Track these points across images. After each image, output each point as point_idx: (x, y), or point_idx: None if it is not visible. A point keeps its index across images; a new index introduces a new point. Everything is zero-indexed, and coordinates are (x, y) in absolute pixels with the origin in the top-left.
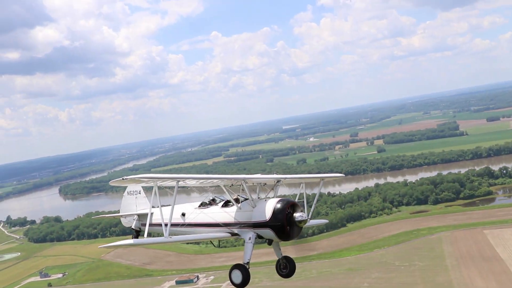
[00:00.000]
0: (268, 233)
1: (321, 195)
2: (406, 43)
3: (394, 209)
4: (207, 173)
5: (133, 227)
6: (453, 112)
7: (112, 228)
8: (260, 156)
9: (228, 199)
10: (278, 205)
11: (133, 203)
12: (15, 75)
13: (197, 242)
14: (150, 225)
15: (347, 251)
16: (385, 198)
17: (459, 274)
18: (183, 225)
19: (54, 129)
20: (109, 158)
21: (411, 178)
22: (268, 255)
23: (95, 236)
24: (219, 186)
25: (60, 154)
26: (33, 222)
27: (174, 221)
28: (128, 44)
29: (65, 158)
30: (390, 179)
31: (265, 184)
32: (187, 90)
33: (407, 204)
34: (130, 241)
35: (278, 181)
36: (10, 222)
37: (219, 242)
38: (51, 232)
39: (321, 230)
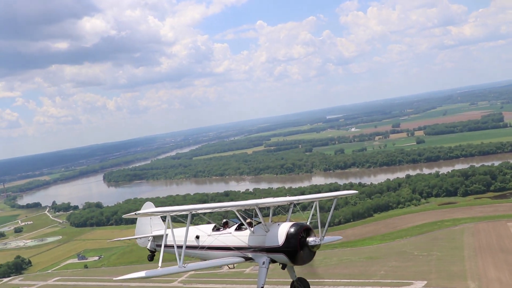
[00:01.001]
0: (281, 258)
1: (351, 184)
2: (457, 32)
3: (422, 200)
4: (246, 162)
5: (148, 247)
6: (501, 103)
7: None
8: (300, 146)
9: (242, 223)
10: (291, 230)
11: (147, 224)
12: (64, 64)
13: None
14: (166, 246)
15: (370, 240)
16: (415, 189)
17: (474, 264)
18: (197, 247)
19: (102, 117)
20: (154, 146)
21: (446, 169)
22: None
23: (132, 222)
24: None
25: (107, 142)
26: (76, 207)
27: (188, 243)
28: (173, 33)
29: (112, 146)
30: (425, 171)
31: (278, 207)
32: (232, 79)
33: (437, 195)
34: (142, 273)
35: (291, 204)
36: (55, 207)
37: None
38: (91, 217)
39: (347, 219)
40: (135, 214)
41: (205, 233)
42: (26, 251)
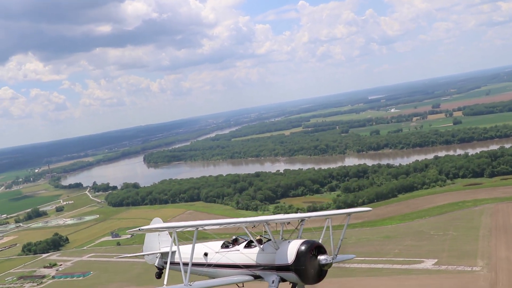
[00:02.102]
0: (291, 276)
1: (379, 165)
2: (507, 8)
3: (448, 181)
4: (281, 143)
5: (156, 265)
6: None
7: (181, 194)
8: (337, 127)
9: (251, 240)
10: (302, 248)
11: (156, 241)
12: (108, 47)
13: None
14: (172, 263)
15: (389, 220)
16: (441, 170)
17: (486, 243)
18: (205, 265)
19: (146, 99)
20: (195, 128)
21: (478, 151)
22: None
23: (165, 202)
24: (241, 227)
25: (151, 123)
26: (114, 187)
27: (196, 261)
28: (215, 15)
29: (155, 127)
30: (458, 152)
31: (289, 223)
32: (274, 60)
33: (463, 176)
34: None
35: (302, 220)
36: (95, 188)
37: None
38: (127, 197)
39: (371, 200)
40: (139, 230)
41: (213, 250)
42: (65, 229)
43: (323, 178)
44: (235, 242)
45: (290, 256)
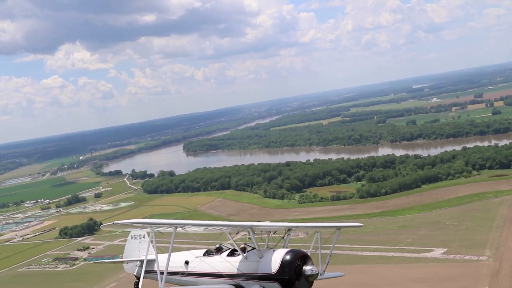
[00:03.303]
0: (274, 287)
1: (407, 156)
2: None
3: (474, 172)
4: (317, 133)
5: (135, 273)
6: None
7: (213, 182)
8: (375, 117)
9: (235, 248)
10: (287, 257)
11: (136, 248)
12: (152, 36)
13: None
14: (150, 272)
15: (409, 210)
16: (468, 161)
17: (498, 234)
18: (185, 274)
19: (191, 87)
20: (238, 117)
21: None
22: None
23: (197, 190)
24: (224, 233)
25: (195, 112)
26: (151, 175)
27: (176, 269)
28: (257, 3)
29: (199, 116)
30: (494, 142)
31: (275, 232)
32: (318, 48)
33: (490, 167)
34: None
35: (289, 230)
36: (133, 175)
37: None
38: (162, 185)
39: (394, 190)
40: (113, 223)
41: (195, 258)
42: (101, 215)
43: (350, 168)
44: (219, 250)
45: (274, 265)
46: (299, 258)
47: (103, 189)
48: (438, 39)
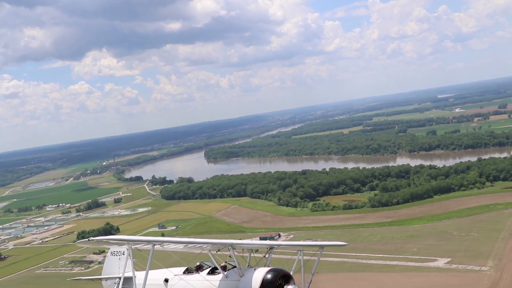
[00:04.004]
0: None
1: (422, 166)
2: None
3: (488, 183)
4: (337, 142)
5: None
6: None
7: (229, 189)
8: (396, 126)
9: (215, 266)
10: (268, 276)
11: (116, 265)
12: (177, 44)
13: None
14: None
15: (418, 220)
16: (482, 172)
17: (502, 245)
18: None
19: (216, 95)
20: (260, 125)
21: None
22: None
23: (214, 197)
24: (204, 251)
25: (219, 119)
26: (170, 181)
27: (156, 287)
28: (282, 12)
29: (222, 123)
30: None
31: (257, 250)
32: (343, 57)
33: (504, 179)
34: None
35: (271, 248)
36: (152, 181)
37: None
38: (179, 191)
39: (406, 200)
40: (89, 240)
41: (175, 276)
42: (119, 219)
43: (364, 177)
44: (199, 268)
45: (255, 285)
46: (280, 278)
47: (123, 195)
48: (465, 49)
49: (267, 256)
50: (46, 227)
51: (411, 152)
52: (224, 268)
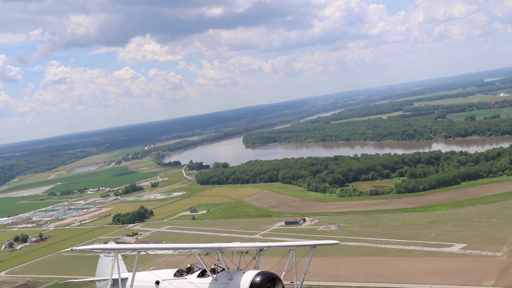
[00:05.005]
0: None
1: (452, 152)
2: None
3: None
4: (374, 127)
5: None
6: None
7: (261, 175)
8: (436, 111)
9: (205, 269)
10: (257, 279)
11: (109, 266)
12: (219, 29)
13: None
14: None
15: (442, 206)
16: None
17: None
18: None
19: (259, 79)
20: (302, 110)
21: None
22: None
23: (247, 182)
24: (193, 254)
25: (262, 104)
26: (207, 166)
27: None
28: None
29: (265, 108)
30: None
31: (247, 252)
32: (387, 40)
33: None
34: None
35: (260, 250)
36: (190, 166)
37: None
38: (213, 176)
39: (432, 186)
40: (71, 250)
41: (165, 279)
42: (154, 203)
43: (394, 163)
44: (190, 270)
45: (243, 287)
46: (269, 281)
47: (160, 179)
48: None
49: (256, 258)
50: (85, 210)
51: (446, 138)
52: (213, 271)
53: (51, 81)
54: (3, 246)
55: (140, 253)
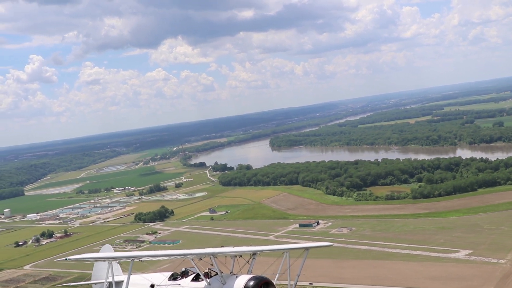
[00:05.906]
0: None
1: (472, 159)
2: None
3: None
4: (400, 132)
5: None
6: None
7: (282, 177)
8: (464, 117)
9: (199, 273)
10: (250, 283)
11: (104, 269)
12: (251, 31)
13: None
14: None
15: (455, 212)
16: None
17: None
18: None
19: (290, 82)
20: (331, 113)
21: None
22: None
23: (267, 184)
24: (186, 259)
25: (292, 106)
26: (231, 168)
27: None
28: None
29: (295, 110)
30: None
31: (241, 256)
32: (421, 44)
33: None
34: None
35: (254, 254)
36: (214, 167)
37: None
38: (235, 178)
39: (448, 192)
40: (65, 259)
41: (160, 283)
42: (175, 203)
43: (413, 169)
44: (184, 274)
45: None
46: (262, 285)
47: (185, 180)
48: None
49: (250, 262)
50: (110, 208)
51: (471, 144)
52: (207, 275)
53: (85, 82)
54: (30, 241)
55: (134, 260)
